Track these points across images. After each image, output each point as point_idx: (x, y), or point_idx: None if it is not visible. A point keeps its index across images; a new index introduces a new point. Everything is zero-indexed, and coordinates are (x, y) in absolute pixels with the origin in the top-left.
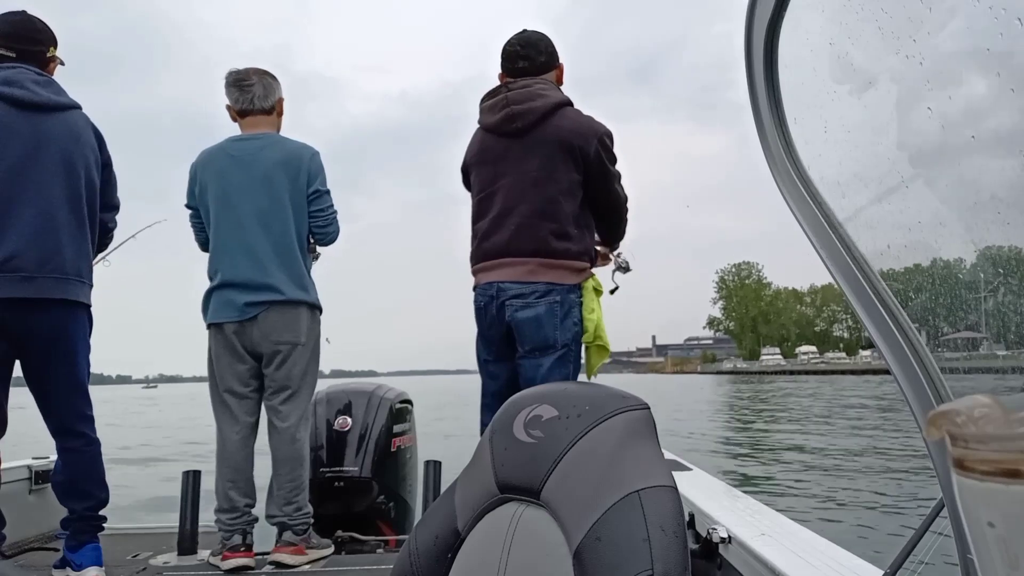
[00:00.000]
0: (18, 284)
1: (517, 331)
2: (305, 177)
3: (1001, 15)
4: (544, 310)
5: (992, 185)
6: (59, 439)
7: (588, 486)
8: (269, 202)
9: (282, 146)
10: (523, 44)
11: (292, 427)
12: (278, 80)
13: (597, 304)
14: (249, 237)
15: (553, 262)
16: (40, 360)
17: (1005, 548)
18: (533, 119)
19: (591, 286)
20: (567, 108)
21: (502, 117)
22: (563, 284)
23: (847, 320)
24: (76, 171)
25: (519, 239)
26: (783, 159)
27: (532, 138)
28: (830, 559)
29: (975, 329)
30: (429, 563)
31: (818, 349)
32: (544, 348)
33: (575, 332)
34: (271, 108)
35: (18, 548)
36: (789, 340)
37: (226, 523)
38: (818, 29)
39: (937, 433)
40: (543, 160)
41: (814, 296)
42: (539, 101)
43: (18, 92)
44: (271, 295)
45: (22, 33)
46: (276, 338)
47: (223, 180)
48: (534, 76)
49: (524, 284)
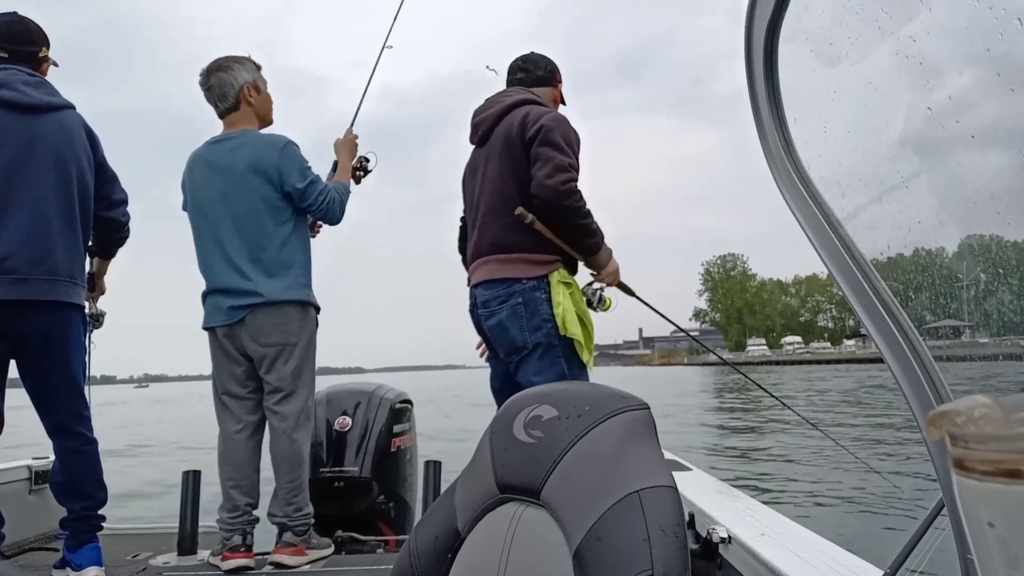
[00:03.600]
0: (11, 286)
1: (492, 339)
2: (277, 175)
3: (1001, 15)
4: (507, 314)
5: (992, 185)
6: (56, 440)
7: (588, 486)
8: (243, 207)
9: (251, 146)
10: (524, 60)
11: (289, 428)
12: (239, 63)
13: (564, 296)
14: (226, 244)
15: (508, 256)
16: (35, 361)
17: (1005, 548)
18: (489, 124)
19: (557, 280)
20: (523, 106)
21: (471, 129)
22: (524, 279)
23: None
24: (69, 172)
25: (480, 239)
26: (783, 159)
27: (490, 142)
28: (830, 559)
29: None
30: (429, 563)
31: (803, 339)
32: (517, 351)
33: (548, 329)
34: (236, 104)
35: (18, 548)
36: (775, 331)
37: (227, 522)
38: (818, 29)
39: (937, 433)
40: (498, 160)
41: (798, 287)
42: (495, 107)
43: (9, 94)
44: (252, 299)
45: (15, 34)
46: (264, 340)
47: (198, 188)
48: (527, 87)
49: (488, 290)
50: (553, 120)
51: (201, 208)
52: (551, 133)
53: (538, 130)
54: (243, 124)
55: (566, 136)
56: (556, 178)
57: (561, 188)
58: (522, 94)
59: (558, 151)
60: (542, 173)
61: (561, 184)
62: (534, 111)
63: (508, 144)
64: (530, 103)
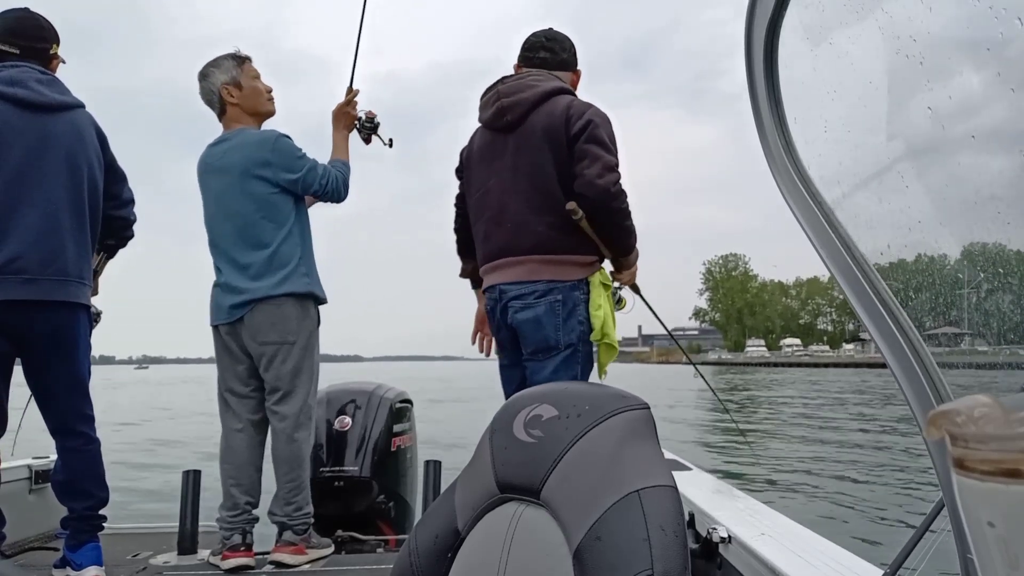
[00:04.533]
0: (21, 286)
1: (520, 333)
2: (271, 172)
3: (1001, 15)
4: (544, 310)
5: (992, 185)
6: (59, 439)
7: (588, 486)
8: (240, 208)
9: (242, 147)
10: (549, 38)
11: (288, 427)
12: (215, 66)
13: (605, 300)
14: (226, 244)
15: (553, 258)
16: (41, 360)
17: (1005, 548)
18: (522, 111)
19: (598, 281)
20: (560, 96)
21: (494, 112)
22: (566, 281)
23: (831, 314)
24: (80, 171)
25: (517, 237)
26: (783, 159)
27: (523, 130)
28: (830, 559)
29: (961, 327)
30: (429, 563)
31: (802, 342)
32: (547, 350)
33: (580, 331)
34: (223, 107)
35: (18, 548)
36: (774, 332)
37: (227, 520)
38: (818, 29)
39: (937, 433)
40: (533, 151)
41: (799, 289)
42: (528, 92)
43: (22, 92)
44: (250, 295)
45: (27, 31)
46: (262, 339)
47: (204, 191)
48: (550, 70)
49: (524, 284)
50: (599, 116)
51: (208, 208)
52: (598, 130)
53: (585, 125)
54: (237, 123)
55: (611, 134)
56: (607, 178)
57: (612, 189)
58: (553, 80)
59: (606, 150)
60: (592, 172)
61: (612, 185)
62: (576, 104)
63: (551, 136)
64: (566, 92)
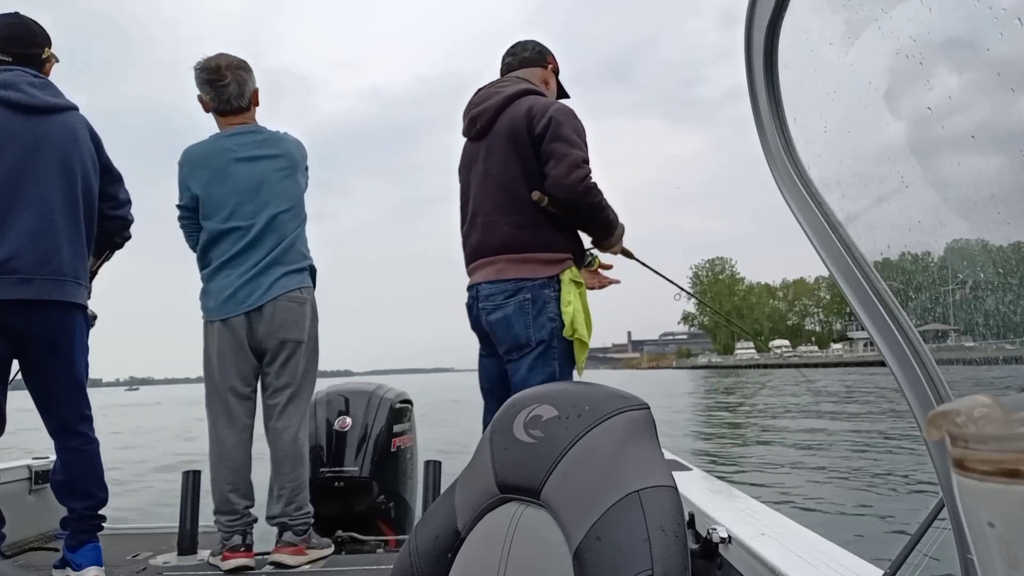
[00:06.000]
0: (16, 286)
1: (492, 333)
2: (304, 175)
3: (1001, 15)
4: (513, 309)
5: (991, 185)
6: (58, 439)
7: (588, 486)
8: (276, 198)
9: (284, 141)
10: (512, 47)
11: (295, 427)
12: (251, 69)
13: (575, 296)
14: (253, 235)
15: (520, 256)
16: (39, 361)
17: (1005, 548)
18: (489, 116)
19: (569, 278)
20: (525, 98)
21: (467, 122)
22: (535, 279)
23: (819, 314)
24: (74, 173)
25: (487, 238)
26: (783, 159)
27: (491, 135)
28: (830, 559)
29: (961, 327)
30: (429, 563)
31: (791, 343)
32: (519, 348)
33: (552, 328)
34: (248, 105)
35: (18, 548)
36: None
37: (226, 525)
38: (818, 29)
39: (937, 433)
40: (499, 154)
41: (786, 291)
42: (493, 99)
43: (15, 95)
44: (276, 291)
45: (20, 37)
46: (284, 335)
47: (219, 176)
48: (516, 70)
49: (494, 284)
50: (561, 112)
51: (224, 195)
52: (561, 128)
53: (547, 123)
54: (244, 121)
55: (576, 128)
56: (574, 175)
57: (579, 187)
58: (519, 84)
59: (571, 145)
60: (559, 172)
61: (578, 183)
62: (538, 103)
63: (514, 138)
64: (531, 93)
